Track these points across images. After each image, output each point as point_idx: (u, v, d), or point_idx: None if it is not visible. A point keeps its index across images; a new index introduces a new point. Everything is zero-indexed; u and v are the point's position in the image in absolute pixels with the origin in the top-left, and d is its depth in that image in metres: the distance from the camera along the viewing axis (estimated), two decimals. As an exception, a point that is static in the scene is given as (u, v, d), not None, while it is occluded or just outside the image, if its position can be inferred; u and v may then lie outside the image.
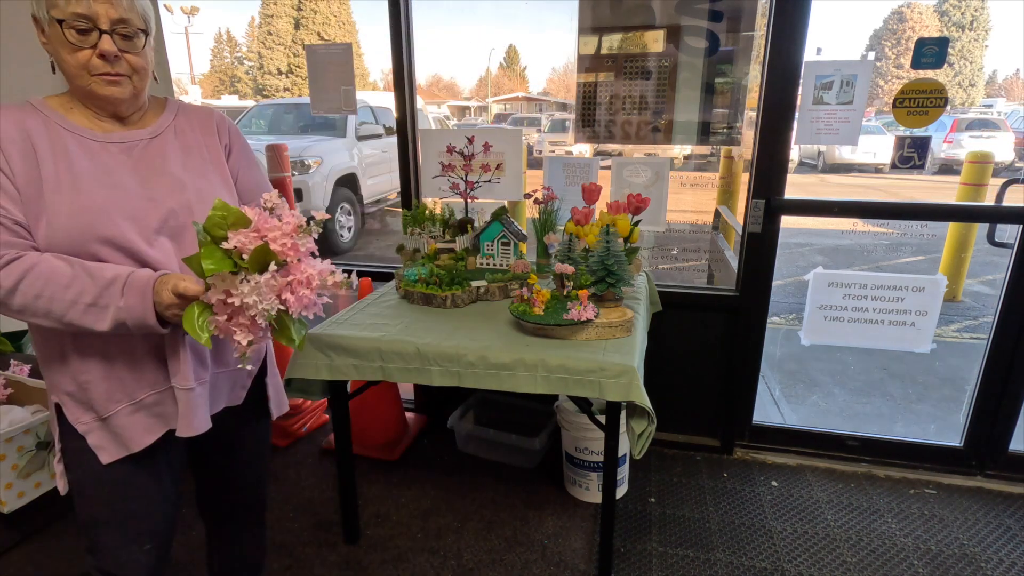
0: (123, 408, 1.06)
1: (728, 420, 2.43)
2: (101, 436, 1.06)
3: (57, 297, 0.93)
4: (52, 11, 0.94)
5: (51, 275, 0.93)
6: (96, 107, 1.03)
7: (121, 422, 1.06)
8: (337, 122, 6.58)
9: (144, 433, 1.08)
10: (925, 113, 1.94)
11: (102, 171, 1.01)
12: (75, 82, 0.99)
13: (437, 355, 1.55)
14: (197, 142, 1.14)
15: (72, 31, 0.94)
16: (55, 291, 0.93)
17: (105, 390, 1.04)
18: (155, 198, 1.04)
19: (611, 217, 1.90)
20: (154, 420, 1.09)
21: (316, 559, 1.88)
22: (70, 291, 0.93)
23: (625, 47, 2.19)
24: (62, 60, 0.97)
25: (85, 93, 1.00)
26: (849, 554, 1.92)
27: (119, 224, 0.99)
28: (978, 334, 3.89)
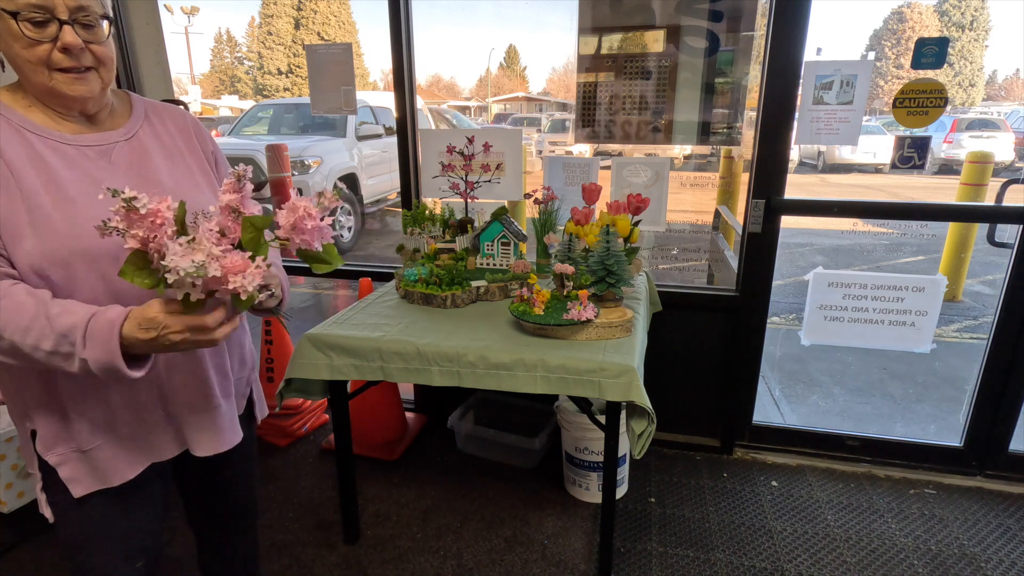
0: (107, 440, 1.00)
1: (728, 420, 2.43)
2: (76, 468, 0.99)
3: (18, 341, 0.83)
4: (4, 3, 0.84)
5: (13, 313, 0.82)
6: (61, 106, 0.93)
7: (103, 454, 1.00)
8: (337, 122, 6.59)
9: (127, 467, 1.02)
10: (925, 113, 1.94)
11: (89, 181, 0.93)
12: (33, 79, 0.89)
13: (437, 355, 1.55)
14: (177, 147, 1.06)
15: (27, 23, 0.85)
16: (14, 334, 0.82)
17: (91, 420, 0.98)
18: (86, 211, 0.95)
19: (611, 217, 1.90)
20: (139, 453, 1.03)
21: (316, 559, 1.88)
22: (29, 336, 0.82)
23: (625, 47, 2.19)
24: (15, 56, 0.87)
25: (46, 91, 0.91)
26: (849, 554, 1.92)
27: None
28: (978, 334, 3.89)
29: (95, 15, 0.90)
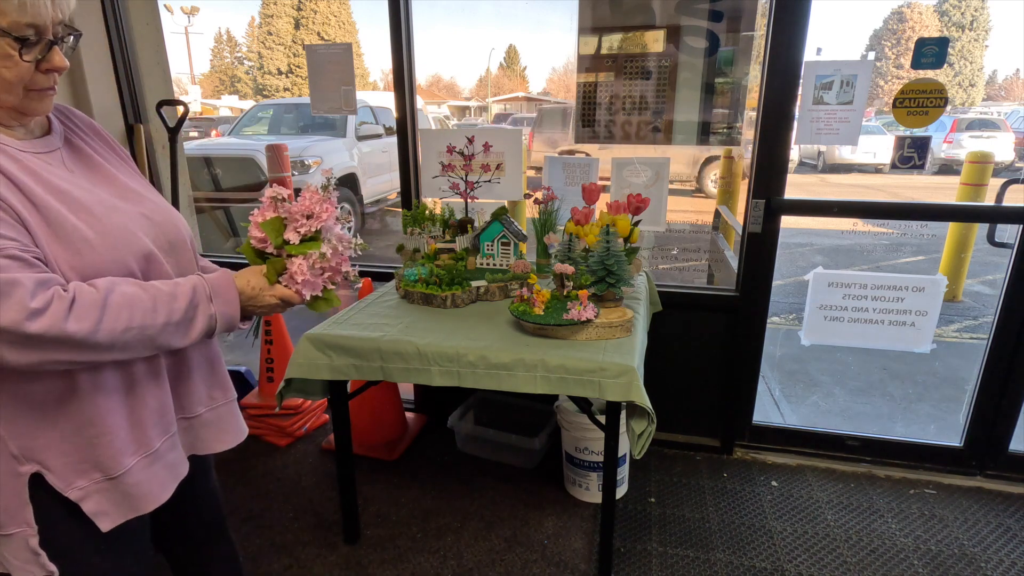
0: (139, 461, 0.95)
1: (728, 420, 2.43)
2: (103, 500, 0.91)
3: (148, 323, 0.84)
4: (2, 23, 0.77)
5: (132, 303, 0.83)
6: (12, 119, 0.86)
7: (135, 479, 0.94)
8: (337, 122, 6.59)
9: (160, 490, 0.98)
10: (925, 113, 1.94)
11: (79, 189, 0.89)
12: (3, 96, 0.82)
13: (437, 355, 1.55)
14: (102, 149, 1.01)
15: (11, 40, 0.78)
16: (144, 318, 0.84)
17: (120, 441, 0.92)
18: (149, 214, 0.97)
19: (611, 217, 1.90)
20: (167, 473, 1.00)
21: (316, 559, 1.88)
22: (159, 314, 0.85)
23: (625, 47, 2.19)
24: None
25: (9, 108, 0.84)
26: (849, 554, 1.92)
27: (143, 238, 0.92)
28: (978, 334, 3.89)
29: (71, 27, 0.86)
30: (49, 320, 0.75)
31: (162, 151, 2.65)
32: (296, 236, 0.97)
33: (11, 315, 0.73)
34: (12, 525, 0.87)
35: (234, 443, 1.14)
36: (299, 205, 0.97)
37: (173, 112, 2.60)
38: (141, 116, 2.58)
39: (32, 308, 0.74)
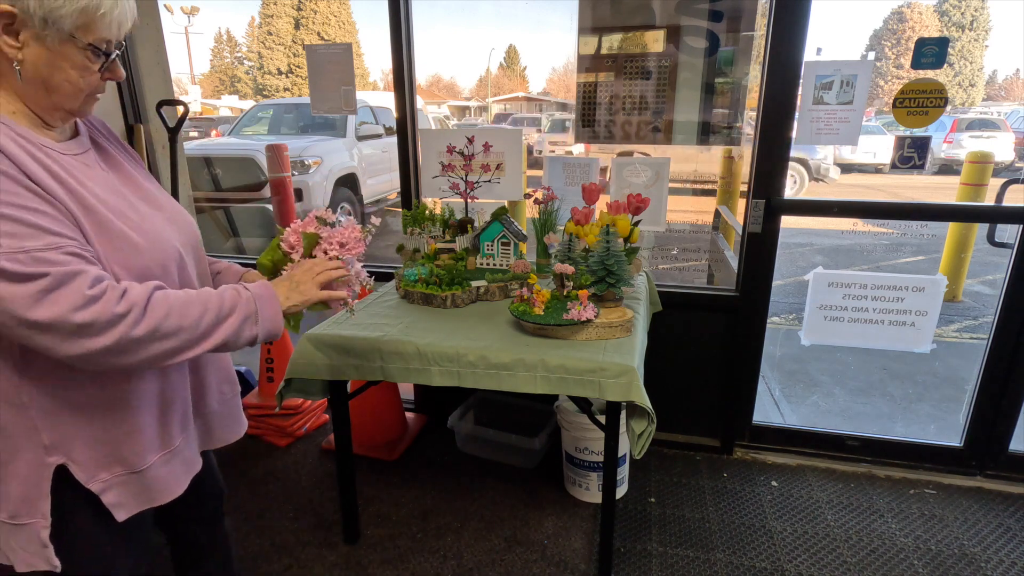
0: (160, 457, 0.99)
1: (728, 420, 2.43)
2: (122, 493, 0.95)
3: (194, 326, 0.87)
4: (78, 32, 0.83)
5: (183, 309, 0.87)
6: (51, 119, 0.89)
7: (155, 473, 0.98)
8: (337, 122, 6.59)
9: (175, 484, 1.02)
10: (925, 113, 1.94)
11: (115, 192, 0.93)
12: (64, 100, 0.87)
13: (437, 355, 1.55)
14: (120, 150, 1.04)
15: (89, 53, 0.85)
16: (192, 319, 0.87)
17: (148, 438, 0.97)
18: (172, 218, 1.01)
19: (611, 217, 1.90)
20: (184, 468, 1.04)
21: (316, 559, 1.88)
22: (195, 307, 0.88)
23: (625, 47, 2.19)
24: (61, 80, 0.85)
25: (54, 107, 0.88)
26: (849, 554, 1.92)
27: (174, 241, 0.97)
28: (978, 334, 3.88)
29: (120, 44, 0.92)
30: (102, 307, 0.79)
31: (162, 151, 2.64)
32: (323, 257, 1.06)
33: (70, 302, 0.77)
34: (27, 516, 0.89)
35: (240, 435, 1.19)
36: (338, 233, 1.07)
37: (173, 112, 2.60)
38: (141, 116, 2.58)
39: (88, 295, 0.78)
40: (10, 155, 0.80)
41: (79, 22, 0.83)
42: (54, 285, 0.76)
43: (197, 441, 1.10)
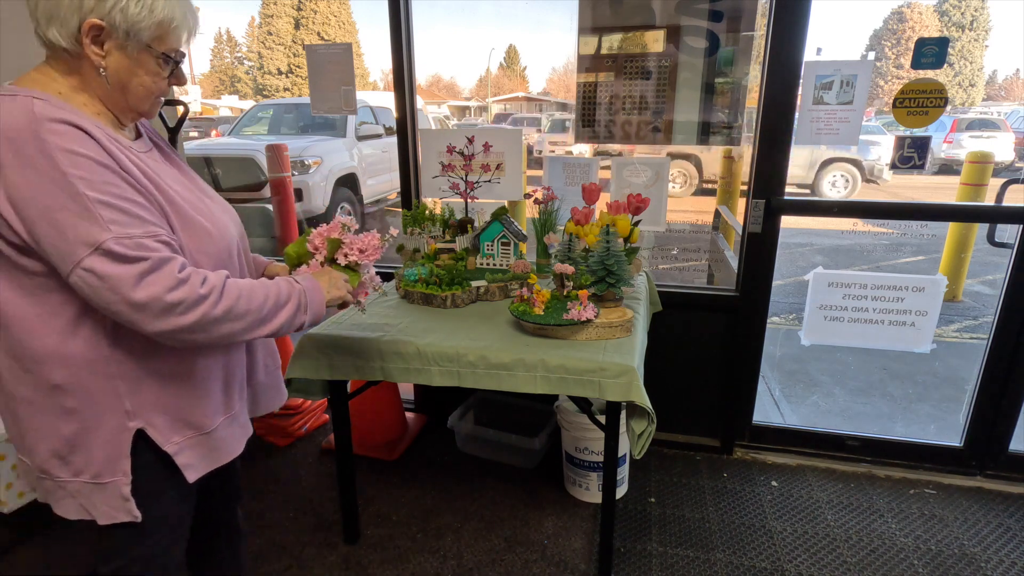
0: (223, 420, 1.10)
1: (728, 420, 2.43)
2: (193, 454, 1.05)
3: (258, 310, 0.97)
4: (153, 43, 0.94)
5: (250, 294, 0.97)
6: (125, 120, 1.00)
7: (220, 435, 1.09)
8: (337, 122, 6.58)
9: (235, 444, 1.13)
10: (925, 113, 1.94)
11: (182, 186, 1.03)
12: (138, 103, 0.98)
13: (437, 355, 1.55)
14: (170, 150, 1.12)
15: (160, 60, 0.96)
16: (265, 303, 0.98)
17: (215, 403, 1.07)
18: (226, 210, 1.12)
19: (611, 217, 1.90)
20: (241, 431, 1.15)
21: (316, 559, 1.88)
22: (258, 292, 0.98)
23: (625, 47, 2.19)
24: (137, 84, 0.96)
25: (129, 109, 0.99)
26: (849, 554, 1.92)
27: (233, 231, 1.09)
28: (978, 334, 3.88)
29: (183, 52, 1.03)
30: (189, 289, 0.89)
31: (162, 151, 2.64)
32: (343, 260, 1.17)
33: (164, 284, 0.86)
34: (109, 475, 0.98)
35: (282, 403, 1.31)
36: (359, 240, 1.19)
37: (173, 112, 2.60)
38: (141, 116, 2.58)
39: (179, 278, 0.88)
40: (110, 152, 0.89)
41: (155, 34, 0.94)
42: (152, 268, 0.86)
43: (248, 410, 1.21)
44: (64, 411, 0.95)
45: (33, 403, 0.95)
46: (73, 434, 0.96)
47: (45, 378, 0.93)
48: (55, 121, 0.85)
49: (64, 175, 0.83)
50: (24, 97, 0.87)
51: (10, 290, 0.91)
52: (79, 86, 0.94)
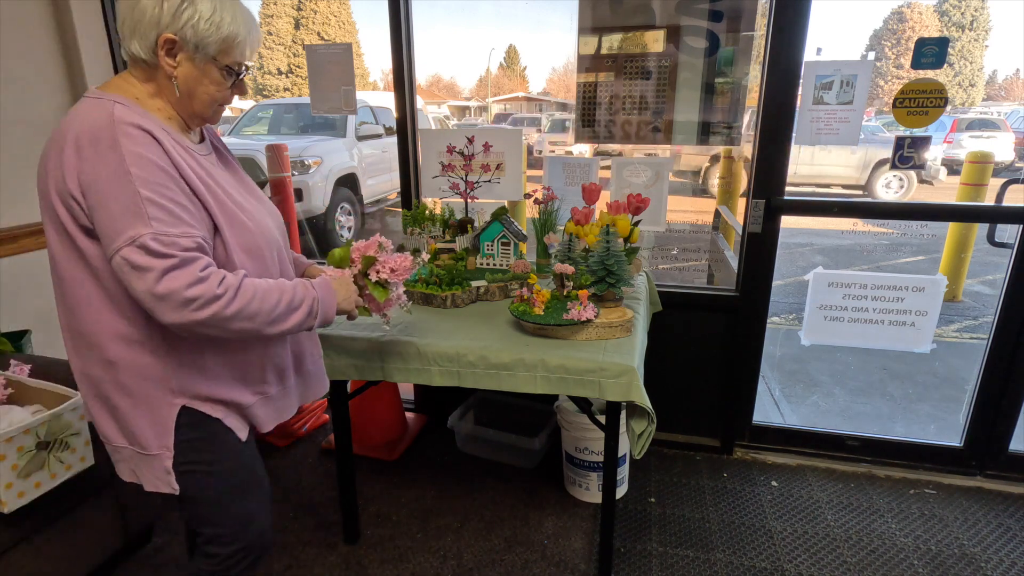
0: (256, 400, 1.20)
1: (728, 420, 2.43)
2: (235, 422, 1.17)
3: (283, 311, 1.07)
4: (219, 56, 1.06)
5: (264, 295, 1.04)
6: (191, 124, 1.12)
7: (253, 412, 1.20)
8: (337, 122, 6.58)
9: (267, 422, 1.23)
10: (925, 113, 1.94)
11: (234, 188, 1.14)
12: (202, 109, 1.10)
13: (437, 355, 1.55)
14: (228, 153, 1.25)
15: (224, 72, 1.08)
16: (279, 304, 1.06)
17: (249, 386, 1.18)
18: (270, 212, 1.22)
19: (611, 217, 1.90)
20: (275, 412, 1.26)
21: (316, 559, 1.88)
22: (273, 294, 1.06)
23: (625, 47, 2.19)
24: (203, 92, 1.08)
25: (195, 115, 1.10)
26: (849, 554, 1.92)
27: (275, 232, 1.19)
28: (978, 334, 3.88)
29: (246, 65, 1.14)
30: (206, 287, 0.97)
31: (162, 151, 2.65)
32: (374, 276, 1.28)
33: (185, 280, 0.95)
34: (155, 447, 1.10)
35: (326, 391, 1.41)
36: (392, 259, 1.29)
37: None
38: (141, 116, 2.58)
39: (199, 276, 0.96)
40: (171, 157, 1.00)
41: (221, 48, 1.05)
42: (177, 265, 0.95)
43: (297, 395, 1.31)
44: (118, 385, 1.06)
45: (92, 376, 1.08)
46: (126, 407, 1.07)
47: (102, 354, 1.05)
48: (130, 125, 0.97)
49: (127, 173, 0.94)
50: (108, 101, 1.00)
51: (77, 271, 1.02)
52: (154, 92, 1.07)
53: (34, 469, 1.49)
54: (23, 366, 1.73)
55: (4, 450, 1.42)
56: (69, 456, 1.53)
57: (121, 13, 1.02)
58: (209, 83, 1.08)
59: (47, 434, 1.49)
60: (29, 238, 2.22)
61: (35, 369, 1.73)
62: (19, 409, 1.57)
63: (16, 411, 1.56)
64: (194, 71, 1.06)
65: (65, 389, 1.56)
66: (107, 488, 1.73)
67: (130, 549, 1.88)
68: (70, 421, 1.52)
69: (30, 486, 1.48)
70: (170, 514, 2.06)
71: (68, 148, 0.95)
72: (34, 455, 1.48)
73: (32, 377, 1.67)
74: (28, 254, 2.23)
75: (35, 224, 2.24)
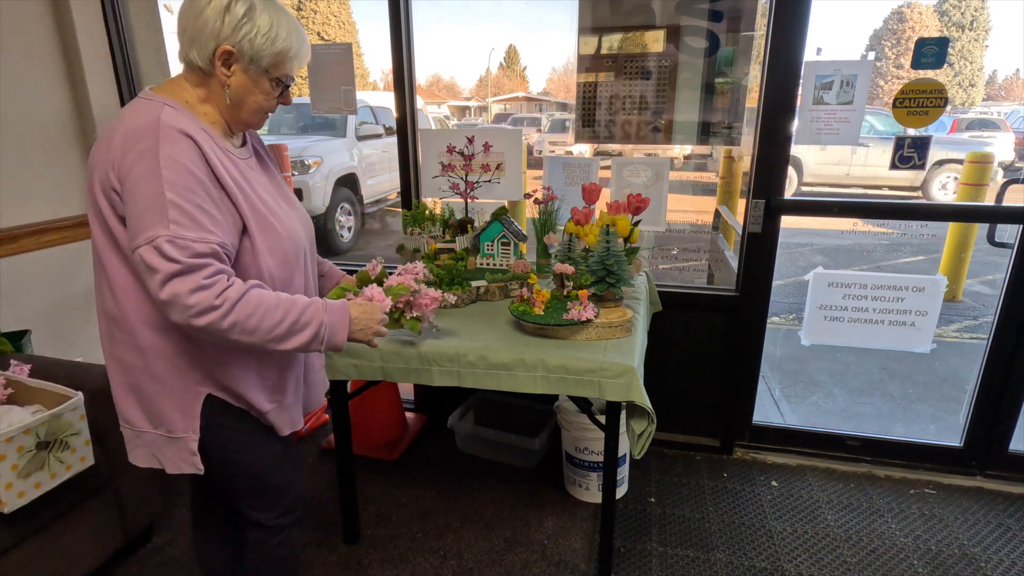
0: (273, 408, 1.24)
1: (728, 420, 2.43)
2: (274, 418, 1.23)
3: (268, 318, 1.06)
4: (272, 68, 1.11)
5: (265, 312, 1.05)
6: (236, 129, 1.17)
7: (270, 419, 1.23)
8: (337, 122, 6.58)
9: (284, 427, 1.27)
10: (925, 113, 1.94)
11: (269, 192, 1.17)
12: (249, 116, 1.15)
13: (437, 355, 1.55)
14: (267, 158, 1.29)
15: (273, 83, 1.13)
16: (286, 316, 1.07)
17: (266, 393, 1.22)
18: (301, 218, 1.25)
19: (611, 217, 1.90)
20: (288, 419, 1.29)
21: (316, 559, 1.88)
22: (278, 311, 1.06)
23: (625, 47, 2.19)
24: (252, 101, 1.13)
25: (241, 121, 1.16)
26: (849, 554, 1.92)
27: (303, 238, 1.22)
28: (978, 334, 3.88)
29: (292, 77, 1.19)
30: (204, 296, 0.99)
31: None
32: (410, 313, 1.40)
33: (187, 286, 0.98)
34: (181, 431, 1.14)
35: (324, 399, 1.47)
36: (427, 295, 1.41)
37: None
38: (141, 116, 2.58)
39: (201, 284, 0.99)
40: (209, 162, 1.04)
41: (274, 61, 1.11)
42: (183, 271, 0.97)
43: (303, 404, 1.34)
44: (148, 371, 1.10)
45: (124, 361, 1.11)
46: (154, 392, 1.12)
47: (135, 340, 1.09)
48: (173, 128, 1.01)
49: (159, 175, 0.98)
50: (158, 103, 1.04)
51: (114, 257, 1.06)
52: (205, 97, 1.12)
53: (34, 469, 1.49)
54: (23, 366, 1.73)
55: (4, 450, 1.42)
56: (69, 456, 1.53)
57: (182, 20, 1.06)
58: (259, 93, 1.13)
59: (47, 434, 1.49)
60: (29, 238, 2.23)
61: (35, 369, 1.73)
62: (19, 409, 1.57)
63: (16, 411, 1.56)
64: (246, 81, 1.11)
65: (65, 389, 1.56)
66: (107, 488, 1.73)
67: (130, 549, 1.88)
68: (70, 421, 1.52)
69: (30, 486, 1.48)
70: (170, 514, 2.06)
71: (115, 144, 1.00)
72: (34, 455, 1.48)
73: (32, 377, 1.67)
74: (28, 254, 2.23)
75: (35, 224, 2.24)
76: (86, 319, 2.48)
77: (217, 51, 1.06)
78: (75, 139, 2.39)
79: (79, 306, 2.45)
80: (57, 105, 2.32)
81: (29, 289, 2.25)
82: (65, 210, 2.36)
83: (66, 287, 2.39)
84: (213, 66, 1.08)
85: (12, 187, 2.17)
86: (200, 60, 1.07)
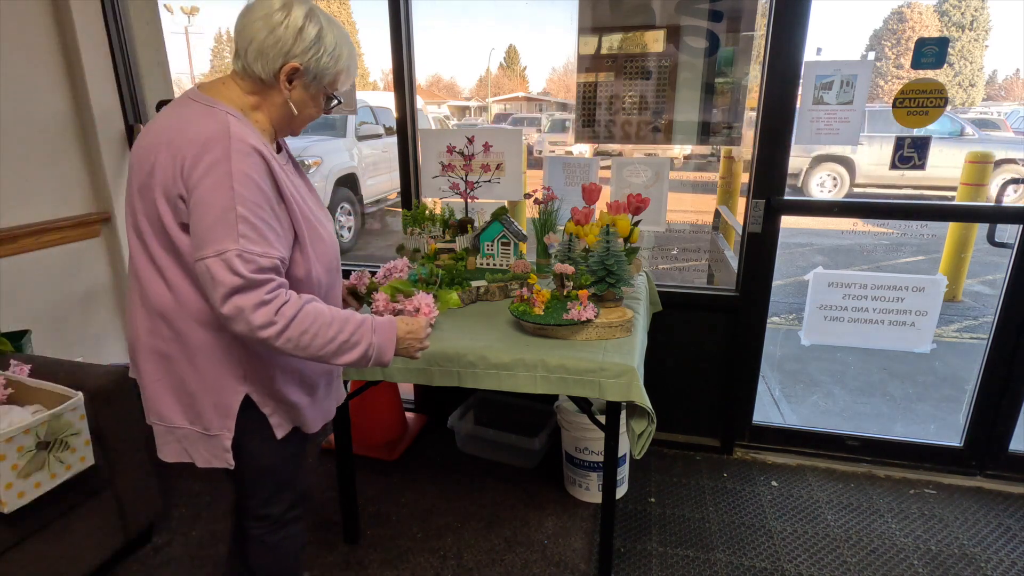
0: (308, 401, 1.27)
1: (728, 420, 2.43)
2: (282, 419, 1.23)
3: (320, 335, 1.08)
4: (329, 85, 1.17)
5: (318, 329, 1.07)
6: (280, 136, 1.21)
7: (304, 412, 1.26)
8: (337, 122, 6.58)
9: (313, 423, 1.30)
10: (925, 113, 1.94)
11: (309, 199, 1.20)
12: (298, 127, 1.21)
13: (437, 355, 1.55)
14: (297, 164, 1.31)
15: (325, 98, 1.19)
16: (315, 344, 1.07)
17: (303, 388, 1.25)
18: (330, 220, 1.27)
19: (611, 217, 1.90)
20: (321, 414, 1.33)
21: (316, 559, 1.88)
22: (331, 329, 1.09)
23: (625, 47, 2.19)
24: (305, 112, 1.18)
25: (289, 131, 1.21)
26: (849, 554, 1.92)
27: (336, 244, 1.26)
28: (978, 334, 3.88)
29: None
30: (264, 313, 1.02)
31: (162, 151, 2.64)
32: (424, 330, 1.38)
33: (250, 300, 1.00)
34: (216, 428, 1.16)
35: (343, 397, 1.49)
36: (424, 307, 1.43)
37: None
38: (141, 116, 2.58)
39: (263, 299, 1.02)
40: (275, 176, 1.07)
41: (333, 79, 1.16)
42: (245, 287, 1.00)
43: (334, 399, 1.38)
44: (196, 369, 1.12)
45: (168, 355, 1.13)
46: (195, 389, 1.14)
47: (186, 338, 1.11)
48: (243, 142, 1.03)
49: (231, 189, 1.00)
50: (222, 112, 1.06)
51: (171, 260, 1.08)
52: (257, 105, 1.14)
53: (34, 469, 1.49)
54: (23, 366, 1.73)
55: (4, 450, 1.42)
56: (69, 456, 1.53)
57: (250, 33, 1.07)
58: (313, 107, 1.18)
59: (47, 434, 1.49)
60: (29, 238, 2.23)
61: (35, 369, 1.73)
62: (19, 409, 1.57)
63: (16, 411, 1.56)
64: (305, 96, 1.15)
65: (65, 389, 1.56)
66: (107, 488, 1.73)
67: (130, 549, 1.88)
68: (70, 421, 1.52)
69: (30, 486, 1.48)
70: (170, 514, 2.06)
71: (185, 152, 1.01)
72: (34, 455, 1.48)
73: (32, 377, 1.67)
74: (28, 254, 2.23)
75: (35, 224, 2.24)
76: (86, 319, 2.48)
77: (285, 68, 1.08)
78: (75, 139, 2.39)
79: (79, 306, 2.45)
80: (57, 105, 2.32)
81: (29, 289, 2.25)
82: (65, 210, 2.36)
83: (66, 287, 2.39)
84: (277, 80, 1.10)
85: (12, 187, 2.17)
86: (263, 73, 1.09)
